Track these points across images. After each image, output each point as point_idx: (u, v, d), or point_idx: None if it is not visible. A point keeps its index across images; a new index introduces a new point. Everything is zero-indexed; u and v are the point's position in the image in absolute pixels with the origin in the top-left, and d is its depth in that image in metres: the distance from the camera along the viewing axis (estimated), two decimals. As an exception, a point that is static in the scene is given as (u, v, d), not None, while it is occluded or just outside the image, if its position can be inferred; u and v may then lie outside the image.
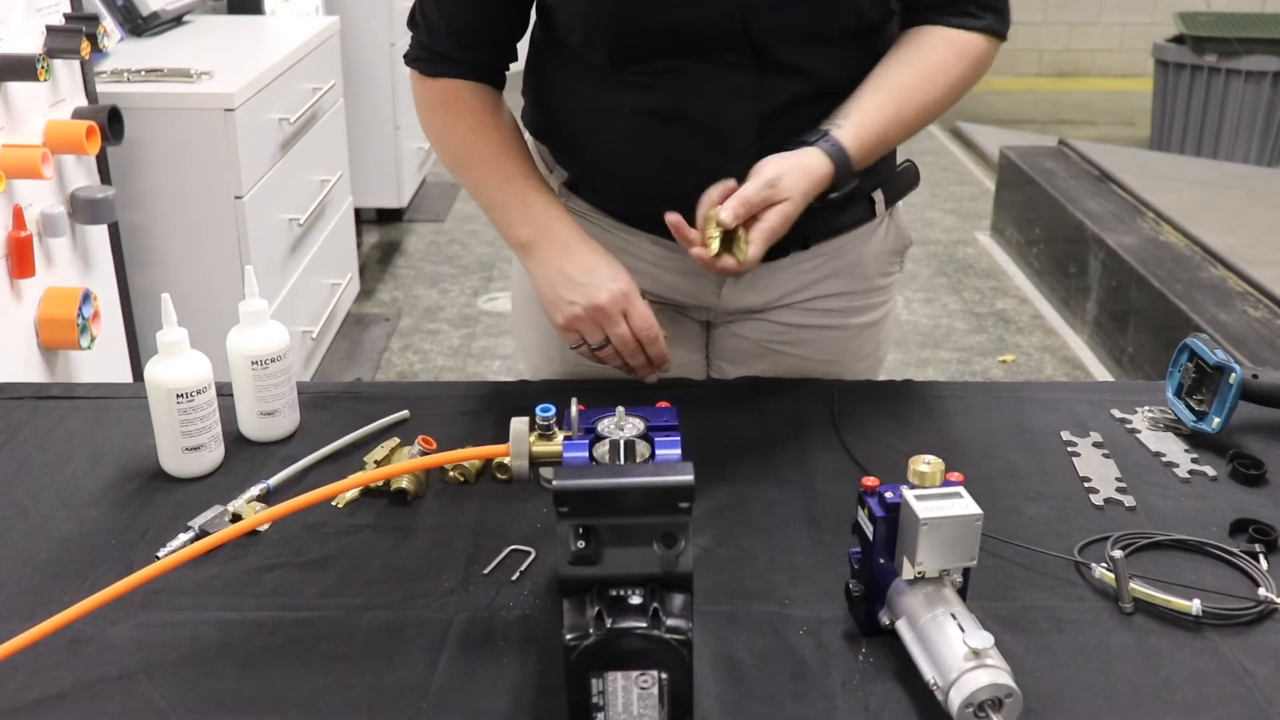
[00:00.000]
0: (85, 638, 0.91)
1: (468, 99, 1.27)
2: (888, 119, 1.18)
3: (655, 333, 1.20)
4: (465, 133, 1.28)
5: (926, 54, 1.21)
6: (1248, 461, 1.15)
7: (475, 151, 1.28)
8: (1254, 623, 0.93)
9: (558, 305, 1.22)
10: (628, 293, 1.20)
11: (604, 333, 1.20)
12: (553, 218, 1.24)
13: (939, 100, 1.21)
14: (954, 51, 1.21)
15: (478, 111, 1.27)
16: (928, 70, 1.20)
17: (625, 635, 0.75)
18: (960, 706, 0.78)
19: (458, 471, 1.12)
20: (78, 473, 1.14)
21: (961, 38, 1.21)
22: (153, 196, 2.31)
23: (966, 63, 1.21)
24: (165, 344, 1.11)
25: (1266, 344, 2.78)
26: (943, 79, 1.20)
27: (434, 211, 4.73)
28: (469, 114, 1.27)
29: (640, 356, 1.22)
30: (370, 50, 3.90)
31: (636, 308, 1.20)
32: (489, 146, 1.27)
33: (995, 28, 1.23)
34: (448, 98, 1.28)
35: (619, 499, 0.76)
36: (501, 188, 1.26)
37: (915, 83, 1.20)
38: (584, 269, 1.20)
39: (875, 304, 1.39)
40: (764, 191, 1.11)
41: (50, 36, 1.90)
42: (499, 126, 1.28)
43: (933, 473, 0.86)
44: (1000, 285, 4.16)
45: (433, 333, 3.70)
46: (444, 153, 1.31)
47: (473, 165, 1.28)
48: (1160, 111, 5.58)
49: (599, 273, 1.20)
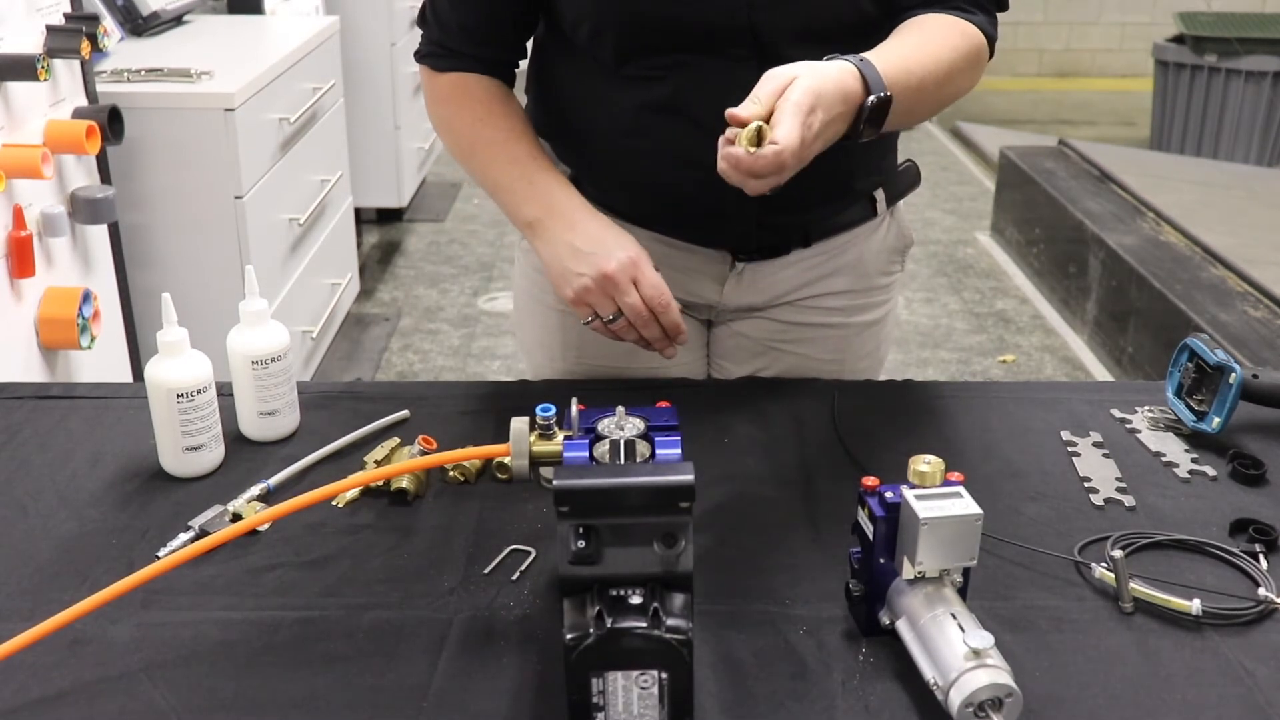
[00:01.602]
0: (85, 638, 0.91)
1: (475, 89, 1.27)
2: (908, 68, 1.10)
3: (667, 299, 1.17)
4: (472, 120, 1.28)
5: (932, 27, 1.17)
6: (1248, 461, 1.15)
7: (482, 137, 1.27)
8: (1254, 623, 0.93)
9: (566, 279, 1.19)
10: (636, 260, 1.16)
11: (615, 303, 1.17)
12: (559, 194, 1.23)
13: (947, 74, 1.15)
14: (957, 30, 1.17)
15: (485, 100, 1.27)
16: (935, 39, 1.15)
17: (625, 635, 0.75)
18: (960, 706, 0.78)
19: (458, 471, 1.12)
20: (78, 473, 1.14)
21: (960, 23, 1.18)
22: (153, 196, 2.31)
23: (970, 44, 1.17)
24: (165, 344, 1.11)
25: (1266, 344, 2.78)
26: (949, 49, 1.15)
27: (434, 211, 4.73)
28: (476, 103, 1.27)
29: (654, 327, 1.18)
30: (370, 50, 3.90)
31: (646, 275, 1.16)
32: (496, 132, 1.26)
33: (986, 28, 1.20)
34: (456, 90, 1.28)
35: (619, 499, 0.76)
36: (507, 169, 1.25)
37: (927, 49, 1.14)
38: (591, 240, 1.18)
39: (876, 303, 1.39)
40: (774, 82, 1.02)
41: (50, 36, 1.90)
42: (508, 114, 1.27)
43: (933, 473, 0.86)
44: (1000, 285, 4.16)
45: (433, 333, 3.70)
46: (451, 142, 1.31)
47: (479, 150, 1.28)
48: (1160, 111, 5.58)
49: (606, 242, 1.18)
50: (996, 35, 1.21)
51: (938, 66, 1.14)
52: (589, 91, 1.25)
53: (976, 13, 1.20)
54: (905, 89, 1.08)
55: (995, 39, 1.21)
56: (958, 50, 1.16)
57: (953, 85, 1.17)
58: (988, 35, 1.20)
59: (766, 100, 1.00)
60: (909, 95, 1.09)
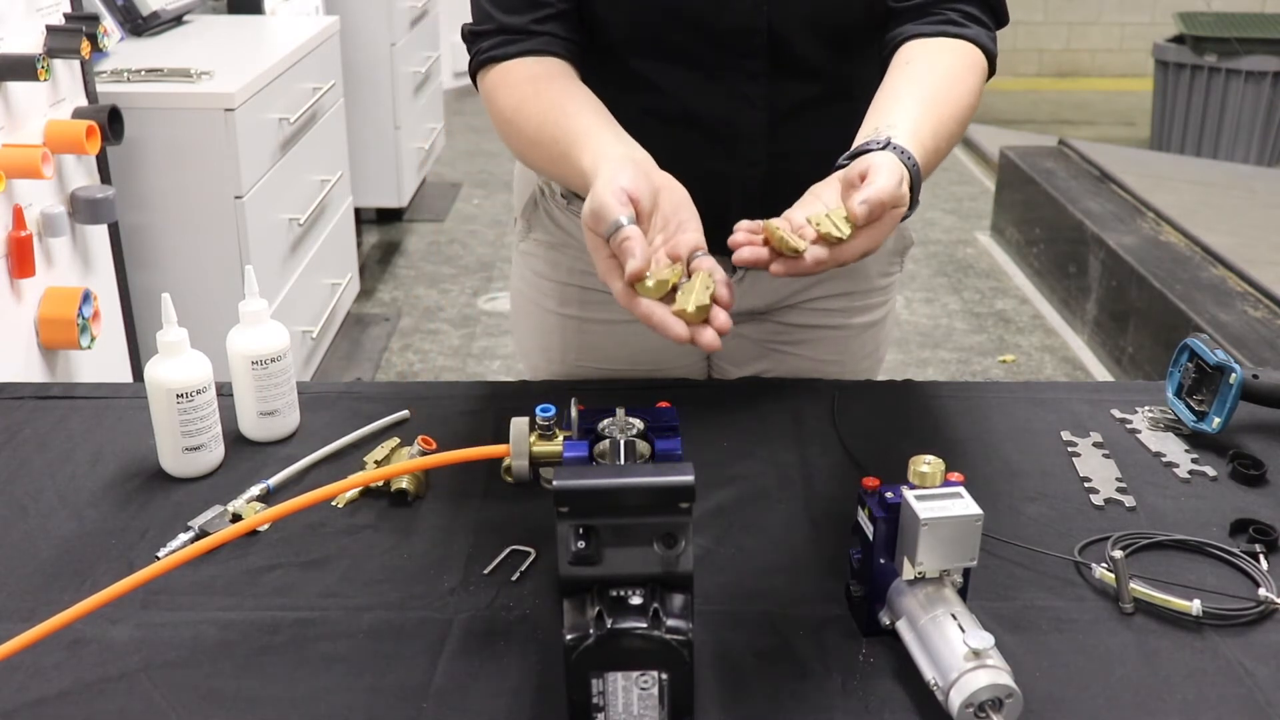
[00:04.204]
0: (85, 638, 0.91)
1: (556, 70, 1.15)
2: (933, 128, 1.05)
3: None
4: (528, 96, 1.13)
5: (952, 71, 1.12)
6: (1248, 461, 1.15)
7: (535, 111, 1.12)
8: (1254, 623, 0.93)
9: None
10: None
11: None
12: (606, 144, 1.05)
13: (960, 127, 1.10)
14: (972, 69, 1.14)
15: (566, 76, 1.15)
16: (948, 78, 1.11)
17: (625, 635, 0.75)
18: (960, 707, 0.78)
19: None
20: (78, 473, 1.14)
21: (974, 54, 1.15)
22: (153, 196, 2.31)
23: (980, 79, 1.14)
24: (165, 344, 1.11)
25: (1266, 344, 2.78)
26: (962, 86, 1.11)
27: (434, 211, 4.74)
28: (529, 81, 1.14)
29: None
30: (370, 50, 3.90)
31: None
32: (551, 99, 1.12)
33: (987, 45, 1.16)
34: (535, 73, 1.15)
35: (619, 499, 0.76)
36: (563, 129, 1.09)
37: (944, 91, 1.09)
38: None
39: (876, 303, 1.39)
40: (854, 173, 0.95)
41: (50, 36, 1.90)
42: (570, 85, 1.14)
43: (933, 473, 0.86)
44: (1000, 285, 4.16)
45: (433, 333, 3.70)
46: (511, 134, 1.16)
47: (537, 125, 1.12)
48: (1160, 111, 5.58)
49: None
50: (996, 52, 1.18)
51: (963, 126, 1.10)
52: (596, 95, 1.24)
53: (972, 25, 1.16)
54: (931, 166, 1.05)
55: (995, 56, 1.18)
56: (975, 95, 1.12)
57: (963, 132, 1.13)
58: (989, 54, 1.17)
59: (833, 194, 0.96)
60: (933, 165, 1.06)
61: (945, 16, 1.16)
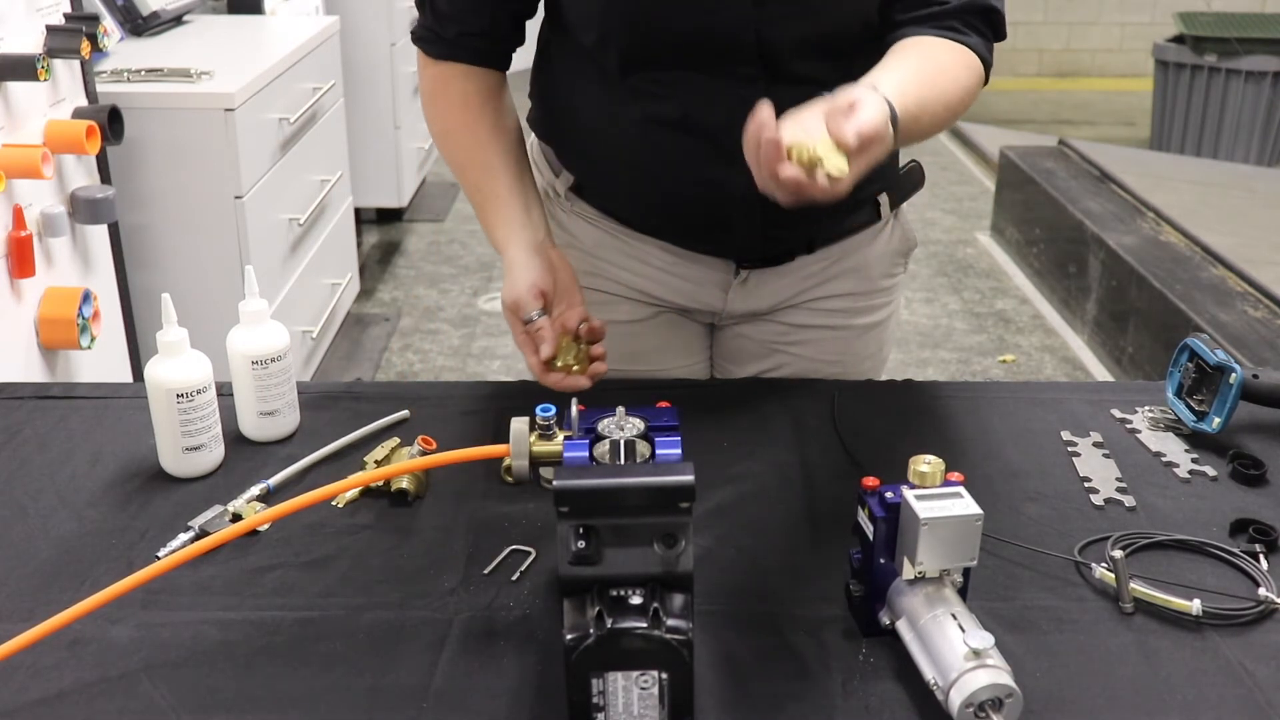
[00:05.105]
0: (85, 638, 0.91)
1: (464, 86, 1.26)
2: (918, 98, 1.05)
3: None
4: (458, 124, 1.27)
5: (944, 60, 1.14)
6: (1248, 461, 1.15)
7: (462, 143, 1.27)
8: (1254, 623, 0.93)
9: None
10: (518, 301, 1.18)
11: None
12: (513, 227, 1.23)
13: (948, 114, 1.12)
14: (965, 66, 1.15)
15: (468, 101, 1.26)
16: (946, 75, 1.12)
17: (625, 635, 0.75)
18: (960, 706, 0.78)
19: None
20: (78, 473, 1.14)
21: (968, 55, 1.15)
22: (153, 196, 2.31)
23: (973, 78, 1.15)
24: (165, 344, 1.11)
25: (1266, 344, 2.78)
26: (958, 89, 1.13)
27: (434, 211, 4.73)
28: (460, 105, 1.26)
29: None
30: (370, 50, 3.90)
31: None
32: (475, 139, 1.26)
33: (983, 54, 1.16)
34: (441, 83, 1.27)
35: (619, 499, 0.76)
36: (482, 184, 1.26)
37: (934, 75, 1.11)
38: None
39: (879, 305, 1.39)
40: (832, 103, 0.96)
41: (50, 36, 1.90)
42: (487, 122, 1.26)
43: (933, 473, 0.86)
44: (1000, 285, 4.16)
45: (433, 333, 3.70)
46: (435, 132, 1.31)
47: (460, 153, 1.28)
48: (1160, 111, 5.58)
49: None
50: (992, 61, 1.18)
51: (948, 112, 1.11)
52: (594, 100, 1.24)
53: (972, 35, 1.16)
54: (909, 134, 1.05)
55: (990, 66, 1.18)
56: (965, 91, 1.13)
57: (948, 121, 1.14)
58: (984, 61, 1.17)
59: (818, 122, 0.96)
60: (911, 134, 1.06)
61: (947, 24, 1.16)
